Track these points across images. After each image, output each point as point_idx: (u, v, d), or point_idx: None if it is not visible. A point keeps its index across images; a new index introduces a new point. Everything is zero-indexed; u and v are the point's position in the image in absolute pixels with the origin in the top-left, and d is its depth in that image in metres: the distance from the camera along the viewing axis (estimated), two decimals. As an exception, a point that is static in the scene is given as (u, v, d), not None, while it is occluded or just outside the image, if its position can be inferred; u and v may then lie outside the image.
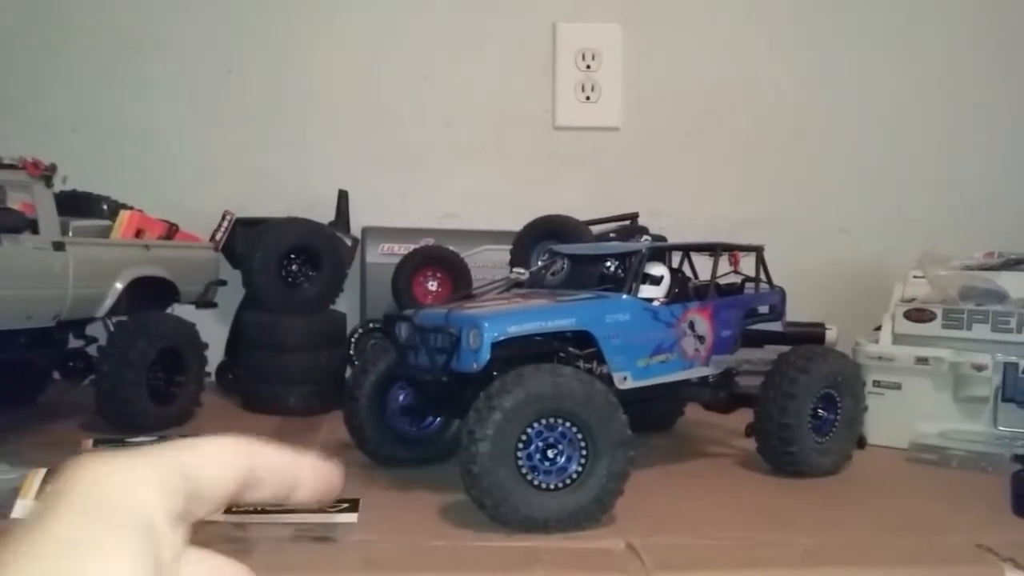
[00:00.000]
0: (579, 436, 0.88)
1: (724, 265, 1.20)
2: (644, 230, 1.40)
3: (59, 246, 1.28)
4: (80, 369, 1.44)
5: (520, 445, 0.86)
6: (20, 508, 0.88)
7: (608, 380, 1.00)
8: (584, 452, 0.88)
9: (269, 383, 1.48)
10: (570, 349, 1.01)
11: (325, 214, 1.69)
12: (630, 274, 1.09)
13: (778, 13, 1.90)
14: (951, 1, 1.90)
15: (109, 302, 1.37)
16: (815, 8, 1.90)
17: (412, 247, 1.62)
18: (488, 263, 1.64)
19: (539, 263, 1.26)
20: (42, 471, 0.92)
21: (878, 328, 1.36)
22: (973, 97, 1.90)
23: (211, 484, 0.34)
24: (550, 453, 0.88)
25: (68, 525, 0.29)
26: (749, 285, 1.24)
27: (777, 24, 1.90)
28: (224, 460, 0.34)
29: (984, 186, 1.89)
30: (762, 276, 1.24)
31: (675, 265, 1.24)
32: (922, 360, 1.28)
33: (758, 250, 1.24)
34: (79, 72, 1.82)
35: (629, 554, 0.81)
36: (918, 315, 1.31)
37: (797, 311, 1.32)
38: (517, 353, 0.95)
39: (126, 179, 1.66)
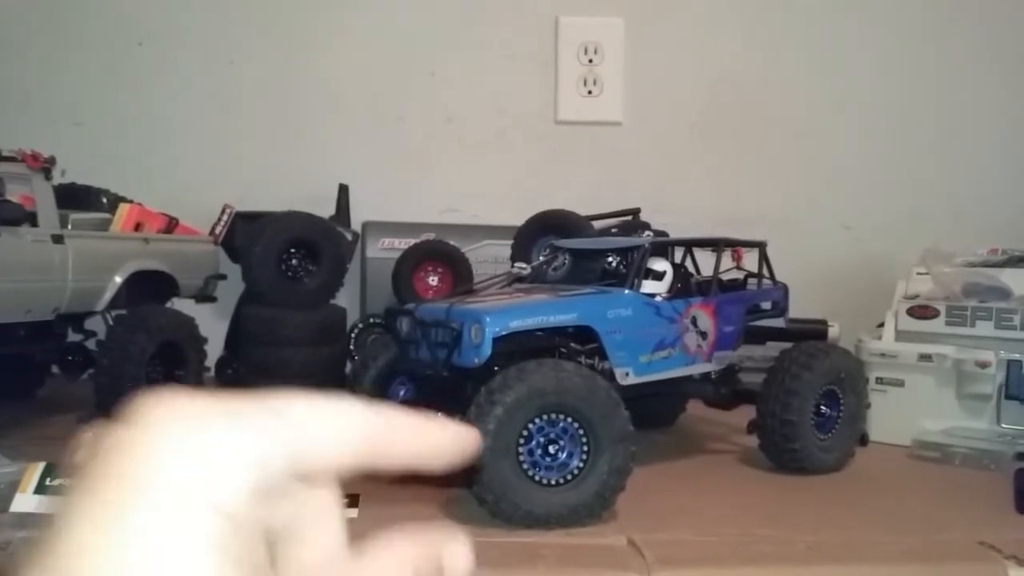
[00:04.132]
0: (580, 432, 0.88)
1: (727, 261, 1.19)
2: (646, 225, 1.39)
3: (58, 239, 1.27)
4: (79, 363, 1.43)
5: (521, 440, 0.86)
6: (19, 502, 0.87)
7: (610, 376, 0.99)
8: (585, 448, 0.88)
9: (269, 378, 1.48)
10: (572, 344, 1.01)
11: (326, 208, 1.68)
12: (632, 269, 1.08)
13: (782, 8, 1.89)
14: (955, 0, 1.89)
15: (108, 296, 1.36)
16: (819, 4, 1.89)
17: (413, 242, 1.61)
18: (489, 258, 1.64)
19: (541, 258, 1.25)
20: (41, 465, 0.91)
21: (881, 325, 1.36)
22: (977, 94, 1.89)
23: (322, 456, 0.28)
24: (551, 449, 0.87)
25: (117, 501, 0.24)
26: (752, 281, 1.24)
27: (781, 19, 1.89)
28: (343, 426, 0.29)
29: (988, 183, 1.88)
30: (765, 272, 1.23)
31: (678, 260, 1.23)
32: (925, 357, 1.27)
33: (761, 246, 1.23)
34: (81, 66, 1.81)
35: (630, 550, 0.80)
36: (921, 312, 1.31)
37: (800, 307, 1.31)
38: (518, 348, 0.95)
39: (127, 172, 1.65)
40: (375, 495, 0.93)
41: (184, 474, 0.25)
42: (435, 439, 0.33)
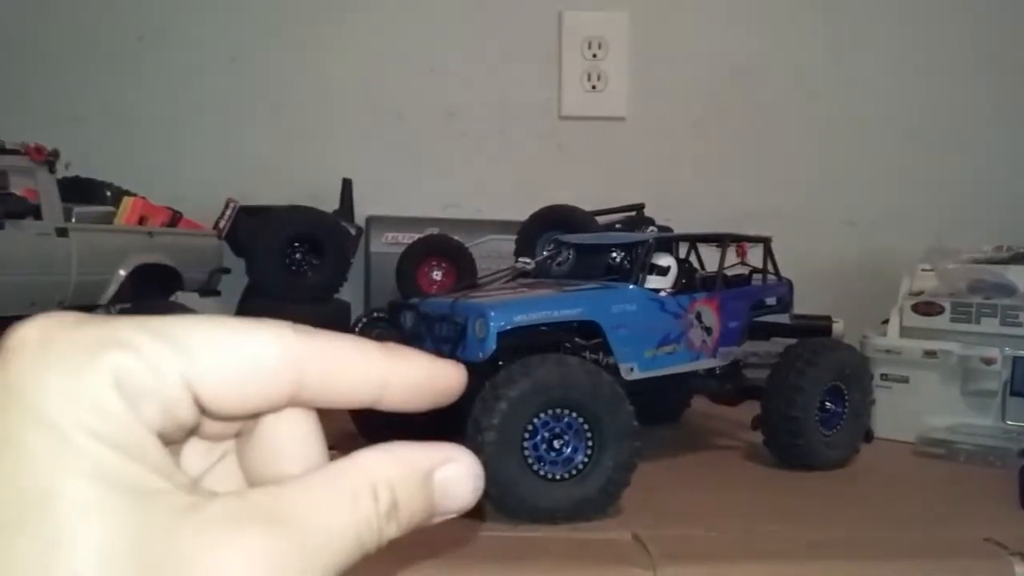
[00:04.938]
0: (585, 427, 0.88)
1: (731, 256, 1.19)
2: (650, 221, 1.39)
3: (62, 232, 1.27)
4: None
5: (526, 435, 0.86)
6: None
7: (615, 371, 0.99)
8: (590, 443, 0.88)
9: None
10: (576, 339, 1.00)
11: (329, 203, 1.68)
12: (637, 264, 1.08)
13: (788, 3, 1.88)
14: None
15: (112, 289, 1.36)
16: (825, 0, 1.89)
17: (416, 236, 1.61)
18: (493, 253, 1.64)
19: (544, 253, 1.25)
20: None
21: (886, 321, 1.36)
22: (984, 90, 1.89)
23: (226, 385, 0.25)
24: (556, 443, 0.87)
25: None
26: (756, 277, 1.23)
27: (787, 14, 1.88)
28: (252, 353, 0.26)
29: (994, 179, 1.87)
30: (769, 268, 1.23)
31: (682, 256, 1.23)
32: (930, 353, 1.27)
33: (766, 241, 1.23)
34: (81, 61, 1.81)
35: (635, 545, 0.80)
36: (926, 308, 1.30)
37: (804, 303, 1.31)
38: (523, 343, 0.94)
39: (129, 167, 1.65)
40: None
41: (60, 401, 0.22)
42: (396, 369, 0.28)
